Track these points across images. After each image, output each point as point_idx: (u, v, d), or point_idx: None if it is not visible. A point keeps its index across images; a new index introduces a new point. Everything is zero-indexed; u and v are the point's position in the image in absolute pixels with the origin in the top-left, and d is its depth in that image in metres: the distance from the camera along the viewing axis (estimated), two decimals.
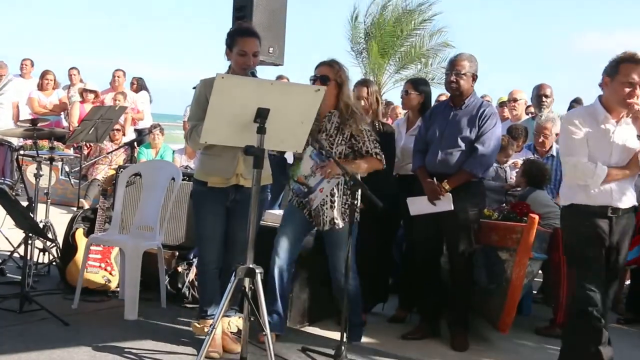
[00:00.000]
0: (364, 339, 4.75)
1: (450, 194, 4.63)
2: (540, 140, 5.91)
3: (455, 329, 4.80)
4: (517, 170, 5.83)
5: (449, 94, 6.79)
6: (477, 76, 4.82)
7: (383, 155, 4.47)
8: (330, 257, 4.48)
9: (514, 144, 5.87)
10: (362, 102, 5.03)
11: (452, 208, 4.63)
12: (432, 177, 4.72)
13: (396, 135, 5.30)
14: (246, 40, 4.12)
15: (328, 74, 4.37)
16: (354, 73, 18.56)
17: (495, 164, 5.51)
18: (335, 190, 4.36)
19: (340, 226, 4.34)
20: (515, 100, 6.70)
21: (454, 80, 4.75)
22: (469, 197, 4.69)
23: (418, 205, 4.78)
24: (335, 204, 4.35)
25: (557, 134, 5.91)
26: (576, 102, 9.36)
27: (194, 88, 4.25)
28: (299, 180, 4.36)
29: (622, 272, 6.04)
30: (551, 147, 5.91)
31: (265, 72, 7.36)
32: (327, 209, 4.35)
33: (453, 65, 4.79)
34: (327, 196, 4.33)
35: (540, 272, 5.52)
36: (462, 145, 4.68)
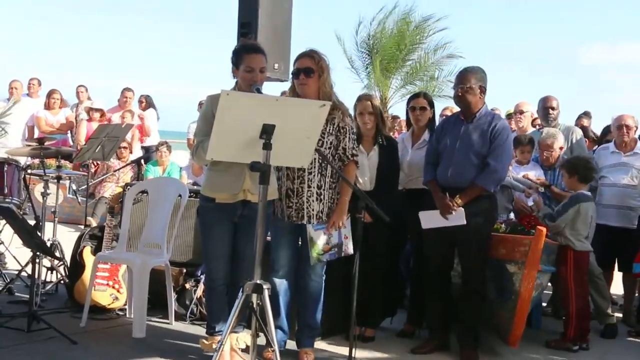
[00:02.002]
0: (373, 354, 4.73)
1: (463, 209, 4.62)
2: (544, 156, 5.90)
3: (465, 342, 4.77)
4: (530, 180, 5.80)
5: (453, 108, 6.84)
6: (485, 89, 4.80)
7: (359, 156, 4.56)
8: (305, 250, 4.43)
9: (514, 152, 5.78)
10: (366, 117, 5.03)
11: (465, 222, 4.62)
12: (444, 190, 4.71)
13: (401, 150, 5.29)
14: (253, 57, 4.14)
15: (311, 65, 4.34)
16: (356, 88, 18.60)
17: None
18: (322, 183, 4.37)
19: (324, 220, 4.38)
20: (521, 112, 6.68)
21: (461, 94, 4.75)
22: (481, 211, 4.67)
23: (430, 219, 4.77)
24: (323, 197, 4.37)
25: (560, 148, 5.89)
26: (585, 114, 9.33)
27: (199, 106, 4.27)
28: (326, 250, 4.36)
29: (632, 284, 6.04)
30: (558, 158, 5.90)
31: (270, 88, 7.37)
32: (312, 201, 4.35)
33: (460, 79, 4.79)
34: (314, 188, 4.34)
35: (549, 284, 5.49)
36: (474, 159, 4.67)
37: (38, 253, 4.88)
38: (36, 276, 4.88)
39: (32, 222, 5.28)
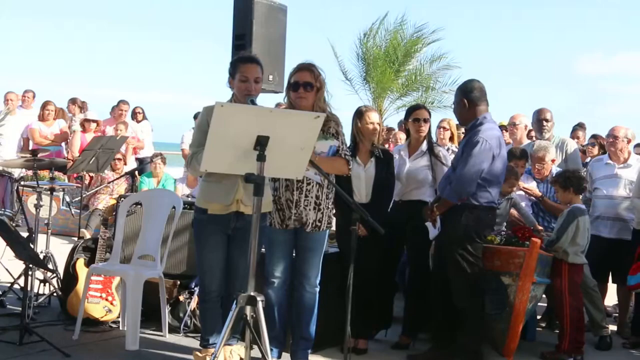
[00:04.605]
0: None
1: (439, 218, 4.70)
2: (536, 169, 5.90)
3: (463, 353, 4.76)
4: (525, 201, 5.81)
5: (451, 120, 6.92)
6: (469, 99, 4.78)
7: (351, 162, 4.56)
8: (300, 261, 4.46)
9: (517, 171, 5.74)
10: (371, 127, 5.06)
11: (438, 231, 4.72)
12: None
13: (398, 161, 5.30)
14: (247, 67, 4.16)
15: (311, 80, 4.35)
16: (352, 100, 18.66)
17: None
18: (320, 193, 4.38)
19: (322, 229, 4.39)
20: (514, 124, 6.69)
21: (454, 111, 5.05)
22: (451, 222, 4.68)
23: (432, 229, 4.85)
24: (321, 207, 4.38)
25: (552, 160, 5.90)
26: (579, 126, 9.37)
27: (195, 118, 4.28)
28: None
29: (626, 296, 6.04)
30: (550, 171, 5.91)
31: (265, 100, 7.39)
32: (310, 210, 4.36)
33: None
34: (312, 199, 4.36)
35: (544, 296, 5.48)
36: (451, 171, 4.75)
37: (31, 265, 4.85)
38: (29, 288, 4.85)
39: (24, 234, 5.25)
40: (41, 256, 5.57)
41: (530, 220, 5.67)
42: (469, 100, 4.78)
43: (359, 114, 5.13)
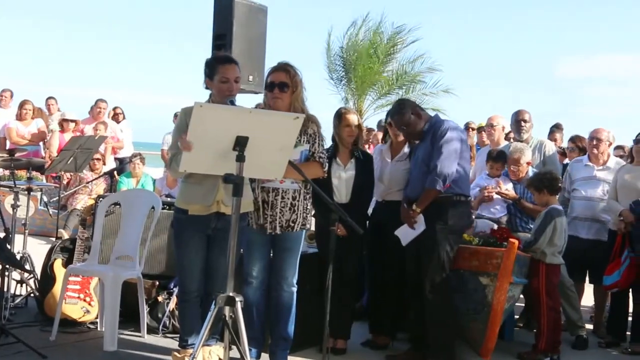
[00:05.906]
0: None
1: (422, 215, 4.71)
2: (512, 170, 5.93)
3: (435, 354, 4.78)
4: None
5: None
6: (416, 110, 4.93)
7: (327, 164, 4.53)
8: (277, 261, 4.46)
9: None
10: (347, 130, 5.06)
11: (425, 227, 4.71)
12: (412, 203, 4.78)
13: (380, 162, 5.32)
14: (227, 67, 4.16)
15: (286, 80, 4.35)
16: (335, 100, 18.65)
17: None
18: (297, 194, 4.39)
19: (296, 230, 4.39)
20: (491, 125, 6.72)
21: (406, 136, 5.07)
22: (435, 215, 4.71)
23: (405, 235, 4.83)
24: (297, 208, 4.38)
25: (528, 163, 5.94)
26: (556, 127, 9.45)
27: (176, 116, 4.26)
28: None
29: (602, 296, 6.10)
30: (526, 173, 5.95)
31: (244, 100, 7.38)
32: (285, 212, 4.36)
33: (396, 126, 5.07)
34: (288, 200, 4.36)
35: (521, 296, 5.53)
36: (425, 168, 4.77)
37: (7, 266, 4.81)
38: (5, 289, 4.81)
39: (1, 235, 5.21)
40: (18, 257, 5.52)
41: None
42: (417, 111, 4.92)
43: (338, 116, 5.14)
